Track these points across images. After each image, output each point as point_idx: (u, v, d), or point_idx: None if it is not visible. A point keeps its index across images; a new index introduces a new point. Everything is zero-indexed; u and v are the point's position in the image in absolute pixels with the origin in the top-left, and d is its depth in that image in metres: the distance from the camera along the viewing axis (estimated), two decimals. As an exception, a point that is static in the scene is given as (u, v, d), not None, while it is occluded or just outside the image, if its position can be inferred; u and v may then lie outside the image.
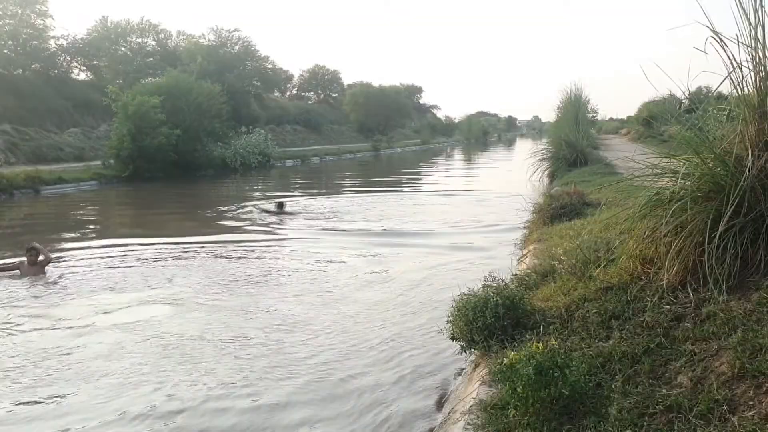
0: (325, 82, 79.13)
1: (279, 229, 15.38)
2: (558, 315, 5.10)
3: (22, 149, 31.84)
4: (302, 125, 60.86)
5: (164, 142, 29.69)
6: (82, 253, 12.43)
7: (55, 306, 8.77)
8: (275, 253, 12.51)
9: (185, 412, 5.52)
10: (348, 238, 13.88)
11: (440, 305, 7.61)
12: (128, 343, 7.12)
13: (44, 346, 7.05)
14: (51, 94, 41.61)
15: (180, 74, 36.36)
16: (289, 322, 7.85)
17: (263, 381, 6.11)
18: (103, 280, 10.11)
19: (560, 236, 8.37)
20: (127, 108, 29.43)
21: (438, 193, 23.94)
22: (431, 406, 5.64)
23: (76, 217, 19.03)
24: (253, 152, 37.39)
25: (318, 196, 23.09)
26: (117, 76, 46.59)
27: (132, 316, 8.16)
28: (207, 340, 7.25)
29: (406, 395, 5.85)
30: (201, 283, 9.86)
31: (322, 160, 48.87)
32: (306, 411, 5.55)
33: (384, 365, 6.49)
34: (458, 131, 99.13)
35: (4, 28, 43.59)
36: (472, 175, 35.18)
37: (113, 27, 52.00)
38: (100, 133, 37.67)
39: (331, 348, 6.95)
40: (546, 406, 3.71)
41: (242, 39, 54.01)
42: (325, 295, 9.14)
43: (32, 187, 24.65)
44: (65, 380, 6.18)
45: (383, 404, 5.67)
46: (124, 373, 6.32)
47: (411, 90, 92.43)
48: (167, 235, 14.41)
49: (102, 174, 29.24)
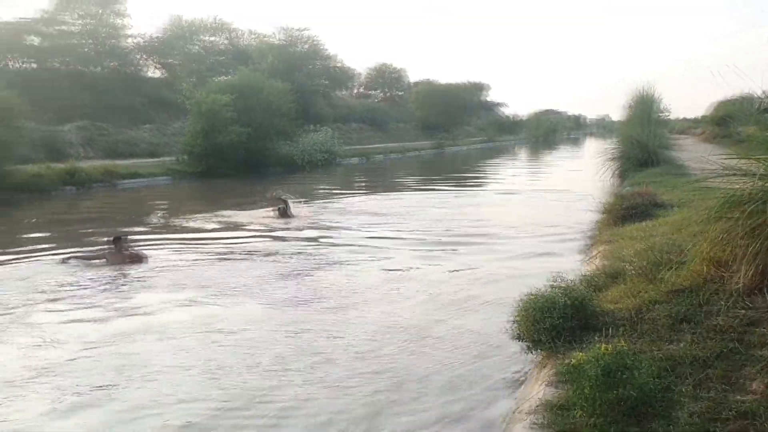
0: (391, 81, 79.29)
1: (339, 227, 15.54)
2: (626, 317, 5.04)
3: (99, 144, 33.18)
4: (367, 123, 61.22)
5: (235, 140, 30.44)
6: (157, 245, 12.87)
7: (130, 298, 9.14)
8: (336, 253, 12.58)
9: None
10: (409, 238, 13.91)
11: (504, 305, 7.59)
12: (194, 342, 7.33)
13: (114, 334, 7.39)
14: (126, 92, 43.21)
15: (251, 73, 37.15)
16: (368, 321, 7.97)
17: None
18: (176, 273, 10.46)
19: (630, 237, 8.22)
20: (200, 106, 30.30)
21: (502, 192, 23.72)
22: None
23: (150, 210, 19.71)
24: (319, 150, 37.91)
25: (380, 194, 23.22)
26: (190, 74, 47.92)
27: (208, 313, 8.32)
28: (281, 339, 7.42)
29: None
30: (268, 280, 10.03)
31: (387, 158, 49.08)
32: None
33: (446, 369, 6.49)
34: (525, 129, 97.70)
35: (85, 27, 45.47)
36: (538, 173, 34.68)
37: (187, 26, 53.49)
38: (174, 130, 38.84)
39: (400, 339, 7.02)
40: (613, 407, 3.69)
41: (311, 38, 54.76)
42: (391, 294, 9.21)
43: (109, 181, 25.69)
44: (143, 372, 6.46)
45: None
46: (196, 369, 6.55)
47: (477, 87, 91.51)
48: (238, 230, 14.80)
49: (175, 170, 30.19)
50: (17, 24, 42.57)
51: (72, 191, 23.84)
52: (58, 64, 43.67)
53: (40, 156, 27.34)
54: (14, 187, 21.74)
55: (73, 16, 45.38)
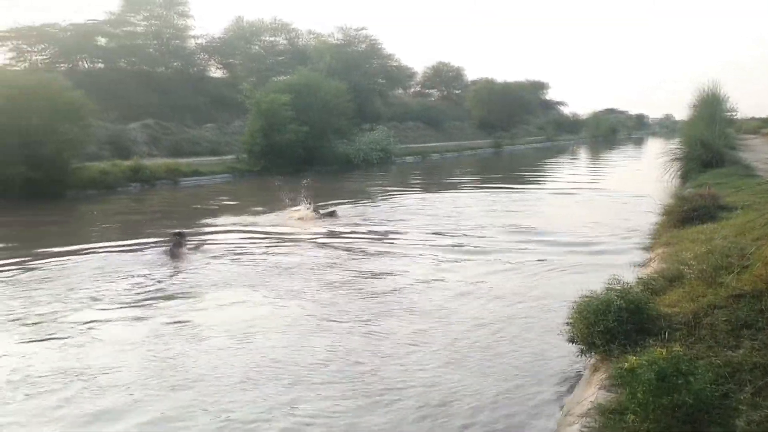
0: (449, 79, 78.94)
1: (390, 225, 15.59)
2: (684, 321, 4.93)
3: (163, 143, 34.10)
4: (424, 122, 61.11)
5: (293, 139, 30.85)
6: (217, 241, 13.16)
7: (189, 293, 9.38)
8: (391, 252, 12.63)
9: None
10: (465, 239, 13.85)
11: (558, 307, 7.51)
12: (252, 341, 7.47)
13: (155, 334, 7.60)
14: (189, 91, 44.34)
15: (309, 73, 37.59)
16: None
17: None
18: (237, 268, 10.69)
19: (690, 240, 8.02)
20: (259, 105, 30.86)
21: (560, 192, 23.34)
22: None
23: (211, 206, 20.13)
24: (374, 149, 38.09)
25: (432, 192, 23.18)
26: (250, 74, 48.79)
27: (255, 314, 8.36)
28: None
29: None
30: (316, 281, 10.05)
31: (443, 157, 48.90)
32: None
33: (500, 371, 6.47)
34: (585, 128, 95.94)
35: (150, 28, 46.83)
36: (597, 174, 33.99)
37: (248, 26, 54.54)
38: (234, 129, 39.62)
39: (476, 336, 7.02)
40: (667, 413, 3.62)
41: (368, 37, 54.99)
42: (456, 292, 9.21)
43: (171, 178, 26.40)
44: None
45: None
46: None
47: (536, 86, 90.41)
48: (283, 228, 15.00)
49: (235, 167, 30.81)
50: (86, 26, 44.15)
51: (136, 188, 24.60)
52: (125, 64, 45.12)
53: (106, 154, 28.32)
54: (82, 183, 22.55)
55: (138, 17, 46.80)
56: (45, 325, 7.73)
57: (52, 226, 16.63)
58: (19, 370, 6.37)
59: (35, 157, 20.74)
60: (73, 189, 22.09)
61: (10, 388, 5.98)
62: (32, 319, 7.96)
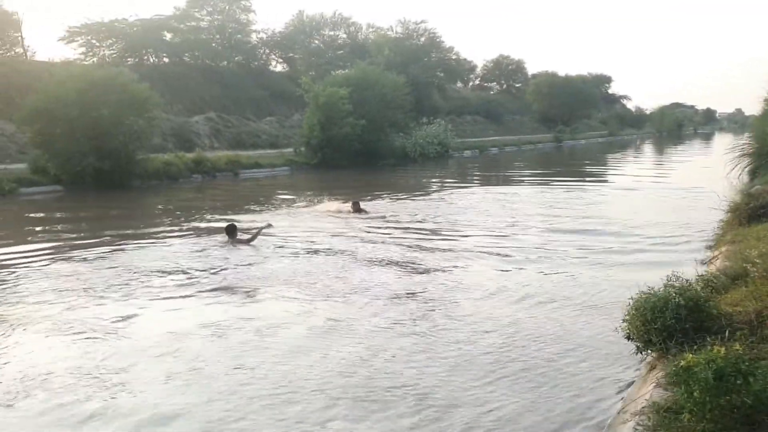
0: (509, 72, 78.13)
1: (444, 220, 15.53)
2: (746, 321, 4.79)
3: (225, 135, 34.87)
4: (482, 116, 60.66)
5: (350, 132, 31.06)
6: (274, 233, 13.33)
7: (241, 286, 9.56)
8: (443, 251, 12.53)
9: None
10: (519, 232, 13.71)
11: (616, 303, 7.37)
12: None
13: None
14: (251, 85, 45.15)
15: (367, 66, 37.74)
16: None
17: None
18: (285, 262, 10.84)
19: (756, 238, 7.76)
20: (318, 98, 31.16)
21: (623, 188, 22.84)
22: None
23: (270, 199, 20.43)
24: (432, 143, 37.98)
25: (491, 186, 23.02)
26: (309, 68, 49.39)
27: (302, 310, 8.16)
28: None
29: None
30: (359, 281, 9.87)
31: (501, 151, 48.45)
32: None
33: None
34: (649, 123, 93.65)
35: (214, 23, 47.86)
36: (661, 169, 33.12)
37: (308, 21, 55.17)
38: (293, 122, 40.18)
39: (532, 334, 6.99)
40: (725, 413, 3.53)
41: (428, 30, 54.90)
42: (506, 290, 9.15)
43: (232, 170, 27.00)
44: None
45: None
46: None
47: (599, 79, 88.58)
48: (327, 224, 15.03)
49: (293, 160, 31.26)
50: (153, 21, 45.41)
51: (198, 179, 25.24)
52: (189, 59, 46.22)
53: (170, 146, 29.14)
54: (148, 174, 23.28)
55: (202, 12, 47.90)
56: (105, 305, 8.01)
57: (117, 215, 17.23)
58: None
59: (104, 149, 21.56)
60: (139, 179, 22.84)
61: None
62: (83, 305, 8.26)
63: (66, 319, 7.59)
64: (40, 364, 6.22)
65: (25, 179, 21.21)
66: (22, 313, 7.84)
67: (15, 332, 7.17)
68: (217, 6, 48.06)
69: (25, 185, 20.94)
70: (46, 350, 6.64)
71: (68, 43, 43.51)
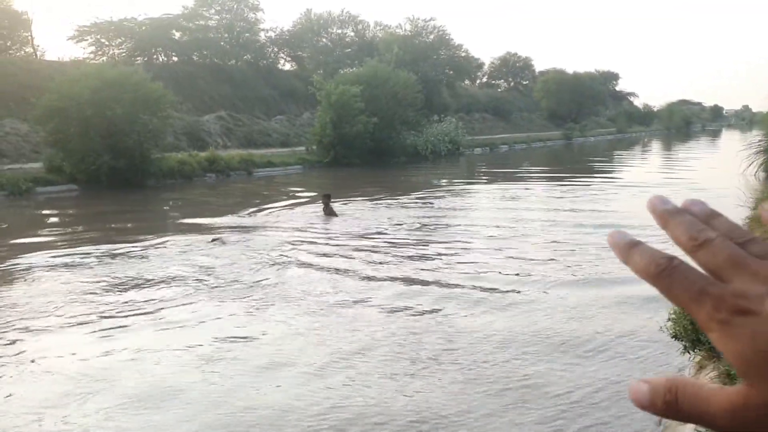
0: (516, 70, 77.92)
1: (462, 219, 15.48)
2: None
3: (236, 134, 34.85)
4: (491, 113, 60.54)
5: (362, 130, 31.02)
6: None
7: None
8: (453, 250, 12.51)
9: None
10: (534, 230, 13.63)
11: (654, 303, 7.31)
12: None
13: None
14: (260, 84, 45.11)
15: (378, 64, 37.64)
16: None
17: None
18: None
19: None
20: (330, 97, 31.09)
21: (633, 185, 22.56)
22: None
23: (286, 196, 20.36)
24: (443, 140, 37.93)
25: (503, 184, 22.92)
26: (318, 66, 49.32)
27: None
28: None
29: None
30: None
31: (512, 149, 48.33)
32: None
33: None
34: (657, 120, 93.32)
35: (222, 22, 47.86)
36: (672, 167, 32.94)
37: (316, 19, 55.07)
38: (303, 121, 40.15)
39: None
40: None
41: (437, 28, 54.64)
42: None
43: (245, 169, 26.96)
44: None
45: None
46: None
47: (607, 76, 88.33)
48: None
49: (306, 159, 31.24)
50: (162, 20, 45.36)
51: (212, 178, 25.23)
52: (197, 58, 46.19)
53: (183, 144, 29.14)
54: (162, 173, 23.28)
55: (211, 11, 47.88)
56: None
57: (134, 214, 17.21)
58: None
59: (118, 148, 21.56)
60: (154, 178, 22.84)
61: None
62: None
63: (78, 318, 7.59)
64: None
65: (41, 178, 21.22)
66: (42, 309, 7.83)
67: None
68: (225, 5, 48.04)
69: (41, 184, 20.95)
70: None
71: (77, 42, 43.61)
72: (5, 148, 24.10)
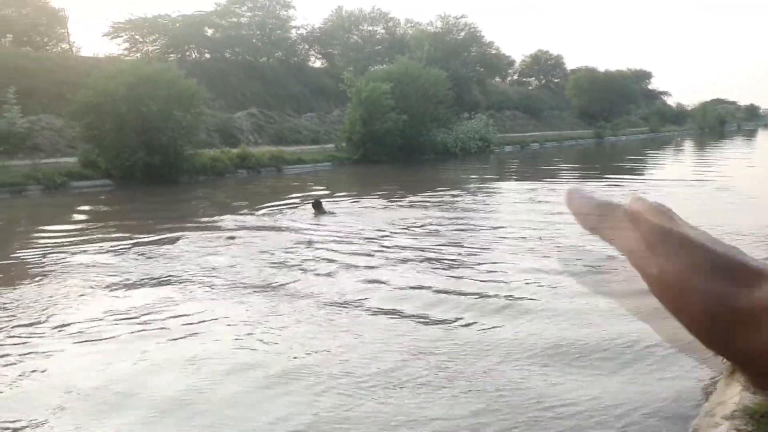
0: (548, 67, 77.37)
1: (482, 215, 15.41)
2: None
3: (267, 131, 35.13)
4: (522, 111, 60.22)
5: (392, 127, 31.06)
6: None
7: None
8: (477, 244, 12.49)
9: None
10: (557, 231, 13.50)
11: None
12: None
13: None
14: (291, 81, 45.44)
15: (409, 61, 37.60)
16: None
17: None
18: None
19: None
20: (360, 94, 31.18)
21: (667, 185, 22.08)
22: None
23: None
24: (473, 138, 37.80)
25: (534, 182, 22.74)
26: (348, 63, 49.49)
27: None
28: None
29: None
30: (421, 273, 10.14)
31: (542, 147, 47.97)
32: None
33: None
34: (691, 120, 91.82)
35: (254, 19, 48.24)
36: (706, 167, 32.31)
37: (347, 16, 55.32)
38: (333, 118, 40.32)
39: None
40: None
41: (468, 25, 54.48)
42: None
43: (275, 166, 27.17)
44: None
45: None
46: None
47: (639, 75, 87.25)
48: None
49: (335, 156, 31.39)
50: (195, 17, 45.89)
51: (243, 174, 25.47)
52: (229, 54, 46.63)
53: (215, 141, 29.47)
54: (195, 169, 23.56)
55: (243, 8, 48.29)
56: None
57: (165, 211, 17.36)
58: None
59: (153, 144, 21.85)
60: (187, 175, 23.13)
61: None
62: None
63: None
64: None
65: (76, 173, 21.62)
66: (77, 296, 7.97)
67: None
68: (257, 2, 48.44)
69: (76, 179, 21.35)
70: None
71: (112, 39, 44.32)
72: (41, 142, 24.56)
